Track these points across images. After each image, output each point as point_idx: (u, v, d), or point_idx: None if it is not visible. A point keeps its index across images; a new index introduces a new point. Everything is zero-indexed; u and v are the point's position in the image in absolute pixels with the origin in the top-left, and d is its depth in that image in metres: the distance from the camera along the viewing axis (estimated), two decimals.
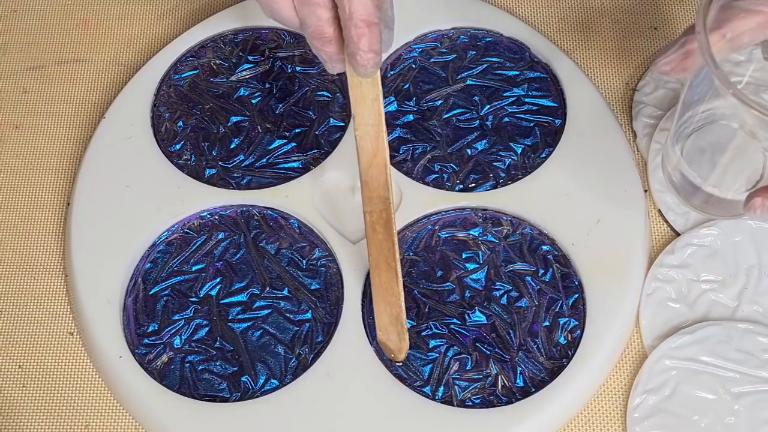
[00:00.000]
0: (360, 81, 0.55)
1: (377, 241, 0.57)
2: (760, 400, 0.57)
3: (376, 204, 0.57)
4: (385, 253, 0.57)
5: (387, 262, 0.57)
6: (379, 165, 0.56)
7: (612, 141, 0.65)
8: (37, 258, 0.64)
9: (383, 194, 0.56)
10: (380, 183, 0.56)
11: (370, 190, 0.57)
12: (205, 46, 0.69)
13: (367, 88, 0.55)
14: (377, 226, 0.57)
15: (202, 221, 0.63)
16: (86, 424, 0.59)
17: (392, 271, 0.57)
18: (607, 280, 0.60)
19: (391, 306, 0.57)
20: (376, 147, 0.56)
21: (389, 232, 0.57)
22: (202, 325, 0.60)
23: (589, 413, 0.59)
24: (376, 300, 0.58)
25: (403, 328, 0.57)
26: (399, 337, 0.57)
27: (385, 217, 0.57)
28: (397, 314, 0.57)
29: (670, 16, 0.72)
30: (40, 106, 0.70)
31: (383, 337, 0.58)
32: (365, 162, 0.56)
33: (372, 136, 0.56)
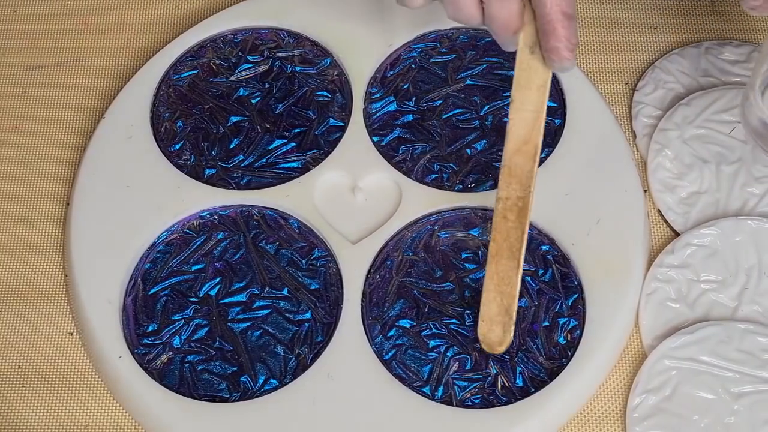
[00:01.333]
0: (530, 65, 0.54)
1: (505, 228, 0.56)
2: (760, 400, 0.57)
3: (515, 191, 0.55)
4: (511, 242, 0.56)
5: (511, 251, 0.56)
6: (528, 153, 0.55)
7: (612, 141, 0.65)
8: (37, 258, 0.64)
9: (526, 183, 0.55)
10: (525, 171, 0.55)
11: (512, 175, 0.55)
12: (204, 46, 0.69)
13: (535, 73, 0.54)
14: (509, 213, 0.56)
15: (202, 221, 0.63)
16: (86, 424, 0.59)
17: (515, 261, 0.56)
18: (607, 280, 0.60)
19: (504, 296, 0.56)
20: (530, 134, 0.55)
21: (522, 222, 0.56)
22: (202, 325, 0.60)
23: (589, 413, 0.59)
24: (488, 288, 0.57)
25: (511, 320, 0.56)
26: (504, 330, 0.57)
27: (520, 206, 0.56)
28: (509, 305, 0.56)
29: (670, 16, 0.72)
30: (39, 106, 0.70)
31: (485, 328, 0.57)
32: (512, 147, 0.55)
33: (528, 123, 0.54)
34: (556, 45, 0.53)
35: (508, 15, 0.54)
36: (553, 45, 0.53)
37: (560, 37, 0.53)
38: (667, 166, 0.65)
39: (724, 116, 0.66)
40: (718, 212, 0.63)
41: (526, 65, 0.54)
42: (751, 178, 0.64)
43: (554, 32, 0.53)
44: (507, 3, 0.54)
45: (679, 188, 0.64)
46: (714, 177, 0.64)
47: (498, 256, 0.56)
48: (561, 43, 0.53)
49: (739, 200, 0.63)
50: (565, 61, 0.53)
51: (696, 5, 0.72)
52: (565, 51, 0.53)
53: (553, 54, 0.53)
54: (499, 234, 0.56)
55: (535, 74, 0.54)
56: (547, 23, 0.53)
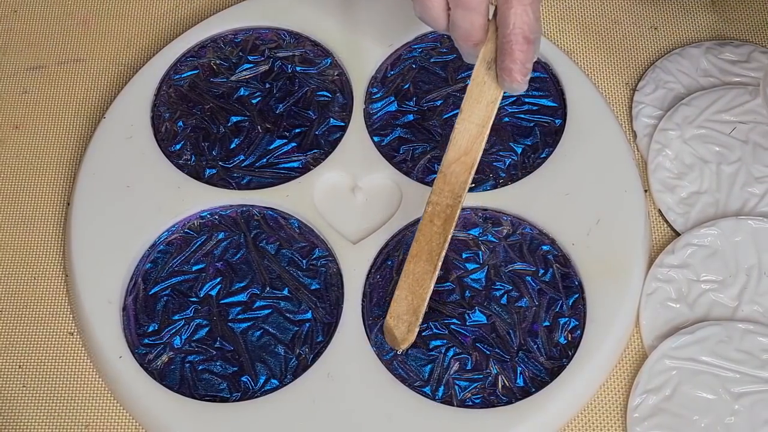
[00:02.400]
0: (484, 80, 0.55)
1: (429, 233, 0.57)
2: (761, 400, 0.57)
3: (446, 198, 0.57)
4: (431, 246, 0.57)
5: (430, 254, 0.57)
6: (465, 164, 0.56)
7: (612, 141, 0.65)
8: (37, 258, 0.64)
9: (458, 192, 0.57)
10: (460, 180, 0.56)
11: (446, 183, 0.57)
12: (205, 46, 0.69)
13: (488, 89, 0.55)
14: (436, 218, 0.57)
15: (202, 221, 0.63)
16: (86, 424, 0.59)
17: (431, 265, 0.57)
18: (607, 280, 0.60)
19: (415, 296, 0.57)
20: (471, 147, 0.56)
21: (446, 229, 0.57)
22: (202, 325, 0.60)
23: (589, 413, 0.59)
24: (401, 286, 0.58)
25: (417, 321, 0.57)
26: (408, 329, 0.57)
27: (448, 213, 0.57)
28: (417, 306, 0.57)
29: (670, 16, 0.72)
30: (40, 106, 0.70)
31: (392, 323, 0.58)
32: (452, 156, 0.56)
33: (471, 135, 0.56)
34: (510, 66, 0.54)
35: (470, 26, 0.55)
36: (508, 65, 0.54)
37: (515, 59, 0.54)
38: (667, 166, 0.65)
39: (725, 116, 0.66)
40: (718, 212, 0.63)
41: (480, 79, 0.56)
42: (751, 178, 0.64)
43: (511, 53, 0.54)
44: (471, 14, 0.54)
45: (679, 188, 0.64)
46: (714, 177, 0.64)
47: (417, 258, 0.57)
48: (515, 65, 0.54)
49: (739, 200, 0.63)
50: (515, 83, 0.54)
51: (696, 5, 0.72)
52: (517, 74, 0.54)
53: (505, 74, 0.54)
54: (422, 236, 0.57)
55: (487, 90, 0.56)
56: (506, 43, 0.54)
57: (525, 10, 0.53)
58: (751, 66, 0.68)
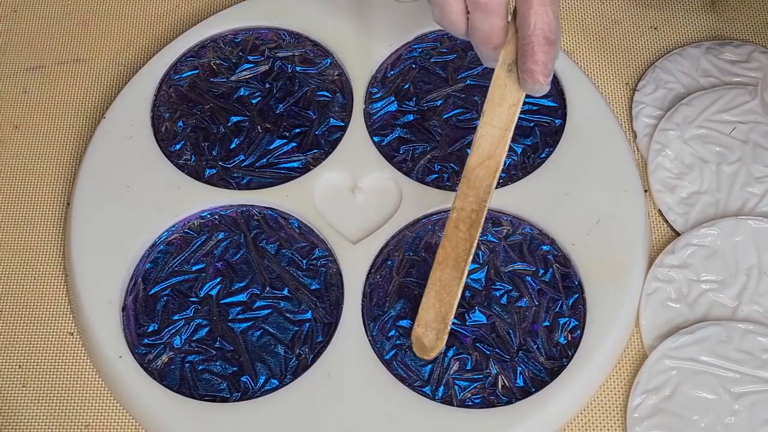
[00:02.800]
0: (505, 82, 0.55)
1: (455, 239, 0.57)
2: (761, 400, 0.57)
3: (471, 203, 0.56)
4: (458, 252, 0.56)
5: (456, 261, 0.56)
6: (489, 168, 0.56)
7: (612, 141, 0.65)
8: (37, 258, 0.64)
9: (483, 197, 0.56)
10: (484, 185, 0.56)
11: (470, 188, 0.56)
12: (205, 46, 0.70)
13: (509, 91, 0.55)
14: (462, 224, 0.57)
15: (202, 221, 0.63)
16: (86, 424, 0.59)
17: (459, 271, 0.56)
18: (607, 280, 0.60)
19: (442, 303, 0.57)
20: (494, 150, 0.56)
21: (472, 234, 0.56)
22: (202, 325, 0.60)
23: (589, 413, 0.59)
24: (429, 294, 0.57)
25: (446, 329, 0.57)
26: (437, 336, 0.57)
27: (473, 218, 0.56)
28: (446, 314, 0.57)
29: (670, 16, 0.72)
30: (40, 106, 0.70)
31: (420, 332, 0.58)
32: (475, 160, 0.56)
33: (494, 139, 0.55)
34: (532, 68, 0.53)
35: (490, 29, 0.54)
36: (530, 67, 0.54)
37: (538, 60, 0.53)
38: (667, 166, 0.65)
39: (725, 116, 0.66)
40: (718, 212, 0.63)
41: (502, 82, 0.55)
42: (751, 178, 0.64)
43: (533, 55, 0.53)
44: (491, 17, 0.54)
45: (679, 188, 0.64)
46: (714, 177, 0.64)
47: (444, 264, 0.57)
48: (537, 67, 0.53)
49: (739, 200, 0.63)
50: (538, 84, 0.54)
51: (696, 5, 0.72)
52: (540, 75, 0.53)
53: (527, 76, 0.54)
54: (448, 242, 0.57)
55: (509, 92, 0.55)
56: (527, 44, 0.53)
57: (545, 10, 0.53)
58: (751, 66, 0.68)
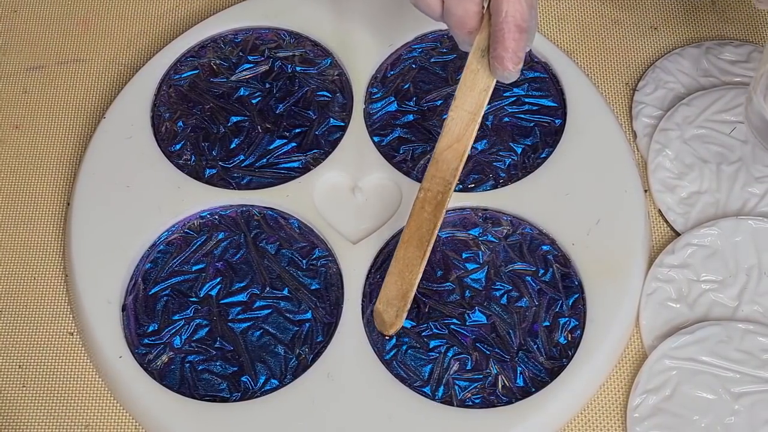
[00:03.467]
0: (478, 68, 0.56)
1: (421, 218, 0.57)
2: (761, 400, 0.57)
3: (437, 185, 0.57)
4: (422, 232, 0.57)
5: (420, 240, 0.57)
6: (457, 151, 0.57)
7: (612, 141, 0.65)
8: (37, 258, 0.64)
9: (449, 179, 0.57)
10: (451, 167, 0.57)
11: (437, 169, 0.57)
12: (205, 46, 0.70)
13: (482, 77, 0.56)
14: (427, 205, 0.57)
15: (202, 221, 0.63)
16: (86, 424, 0.59)
17: (421, 251, 0.57)
18: (607, 280, 0.60)
19: (404, 281, 0.57)
20: (463, 134, 0.56)
21: (436, 215, 0.57)
22: (202, 325, 0.60)
23: (589, 413, 0.59)
24: (392, 271, 0.58)
25: (406, 306, 0.58)
26: (397, 314, 0.58)
27: (439, 200, 0.57)
28: (406, 291, 0.57)
29: (670, 16, 0.72)
30: (40, 106, 0.70)
31: (381, 307, 0.58)
32: (444, 143, 0.57)
33: (464, 123, 0.56)
34: (502, 54, 0.54)
35: (464, 13, 0.55)
36: (500, 54, 0.54)
37: (507, 47, 0.54)
38: (667, 166, 0.65)
39: (725, 116, 0.66)
40: (718, 212, 0.63)
41: (474, 67, 0.56)
42: (751, 178, 0.64)
43: (503, 41, 0.54)
44: (465, 2, 0.54)
45: (679, 188, 0.64)
46: (714, 177, 0.64)
47: (408, 243, 0.58)
48: (507, 54, 0.54)
49: (739, 200, 0.63)
50: (507, 71, 0.54)
51: (696, 5, 0.72)
52: (509, 62, 0.54)
53: (497, 62, 0.54)
54: (414, 222, 0.58)
55: (480, 78, 0.56)
56: (498, 31, 0.54)
57: None
58: (751, 66, 0.68)
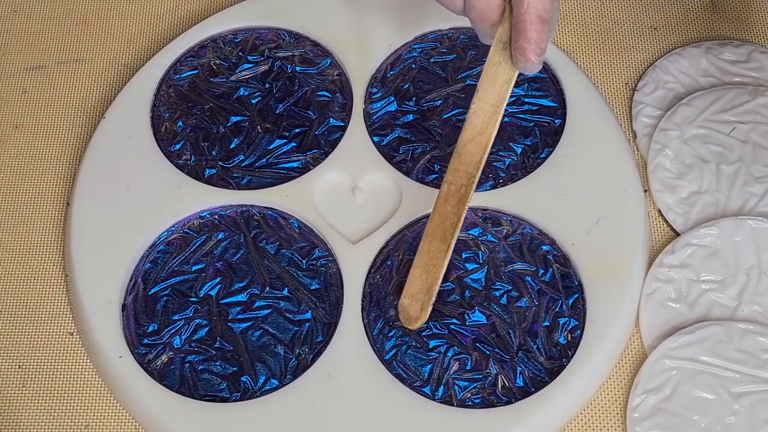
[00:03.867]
0: (500, 60, 0.56)
1: (445, 212, 0.57)
2: (760, 400, 0.57)
3: (460, 178, 0.57)
4: (446, 225, 0.57)
5: (444, 234, 0.57)
6: (480, 143, 0.57)
7: (612, 141, 0.65)
8: (37, 258, 0.64)
9: (472, 172, 0.57)
10: (474, 160, 0.57)
11: (461, 163, 0.57)
12: (204, 46, 0.69)
13: (504, 69, 0.56)
14: (451, 198, 0.57)
15: (202, 221, 0.63)
16: (86, 424, 0.59)
17: (446, 244, 0.57)
18: (607, 280, 0.60)
19: (429, 275, 0.58)
20: (486, 126, 0.56)
21: (460, 209, 0.57)
22: (202, 325, 0.60)
23: (589, 413, 0.59)
24: (416, 265, 0.58)
25: (430, 300, 0.58)
26: (422, 307, 0.58)
27: (462, 193, 0.57)
28: (431, 285, 0.58)
29: (670, 16, 0.72)
30: (40, 106, 0.70)
31: (407, 302, 0.58)
32: (467, 136, 0.57)
33: (486, 115, 0.56)
34: (524, 46, 0.54)
35: (486, 6, 0.55)
36: (522, 45, 0.54)
37: (530, 39, 0.54)
38: (667, 166, 0.65)
39: (725, 116, 0.66)
40: (718, 212, 0.63)
41: (496, 59, 0.56)
42: (751, 178, 0.64)
43: (525, 33, 0.54)
44: None
45: (679, 188, 0.64)
46: (714, 177, 0.64)
47: (432, 237, 0.58)
48: (529, 45, 0.54)
49: (739, 200, 0.63)
50: (529, 63, 0.54)
51: (696, 5, 0.72)
52: (531, 53, 0.54)
53: (519, 54, 0.54)
54: (438, 216, 0.58)
55: (502, 70, 0.56)
56: (520, 22, 0.54)
57: None
58: (751, 66, 0.68)
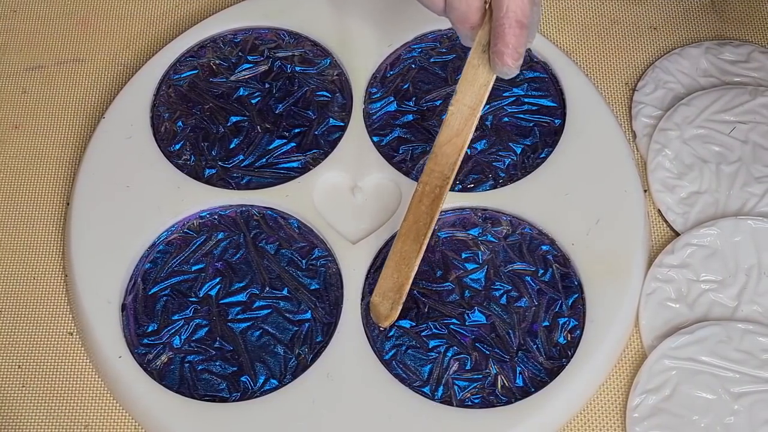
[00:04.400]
0: (478, 63, 0.56)
1: (418, 212, 0.58)
2: (760, 400, 0.57)
3: (435, 179, 0.57)
4: (419, 226, 0.57)
5: (417, 234, 0.57)
6: (456, 145, 0.57)
7: (612, 141, 0.65)
8: (37, 258, 0.64)
9: (447, 173, 0.57)
10: (449, 162, 0.57)
11: (436, 164, 0.57)
12: (204, 46, 0.70)
13: (482, 72, 0.56)
14: (425, 198, 0.57)
15: (202, 221, 0.63)
16: (86, 424, 0.59)
17: (418, 245, 0.57)
18: (607, 280, 0.60)
19: (400, 274, 0.58)
20: (462, 128, 0.57)
21: (433, 209, 0.57)
22: (202, 325, 0.60)
23: (589, 413, 0.59)
24: (388, 264, 0.58)
25: (401, 299, 0.58)
26: (392, 306, 0.58)
27: (437, 193, 0.57)
28: (401, 284, 0.58)
29: (670, 16, 0.72)
30: (40, 106, 0.70)
31: (377, 300, 0.58)
32: (444, 137, 0.57)
33: (464, 117, 0.57)
34: (502, 50, 0.54)
35: (466, 8, 0.55)
36: (500, 49, 0.54)
37: (507, 43, 0.54)
38: (667, 166, 0.65)
39: (724, 116, 0.66)
40: (718, 212, 0.63)
41: (476, 62, 0.56)
42: (751, 178, 0.64)
43: (503, 37, 0.54)
44: None
45: (679, 188, 0.64)
46: (714, 177, 0.64)
47: (405, 237, 0.58)
48: (507, 49, 0.54)
49: (739, 200, 0.63)
50: (506, 67, 0.55)
51: (696, 5, 0.72)
52: (508, 58, 0.54)
53: (497, 57, 0.54)
54: (411, 216, 0.58)
55: (481, 73, 0.56)
56: (499, 26, 0.54)
57: None
58: (750, 66, 0.68)
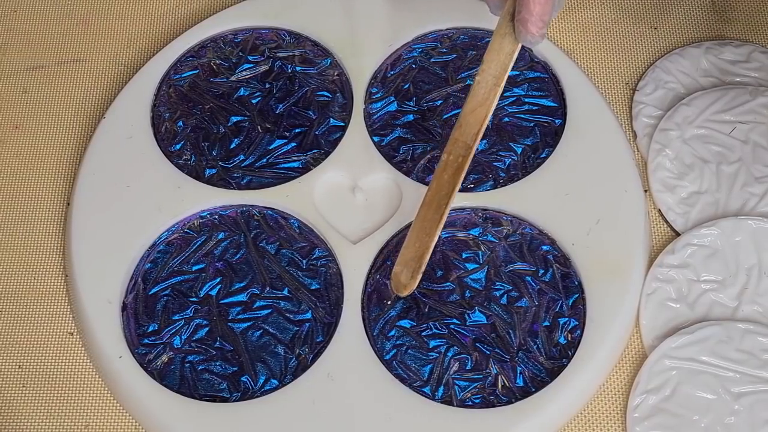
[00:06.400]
0: (506, 31, 0.56)
1: (441, 182, 0.58)
2: (760, 400, 0.57)
3: (459, 149, 0.58)
4: (441, 195, 0.58)
5: (439, 204, 0.58)
6: (479, 115, 0.57)
7: (612, 141, 0.65)
8: (37, 258, 0.64)
9: (469, 143, 0.58)
10: (472, 131, 0.58)
11: (461, 133, 0.58)
12: (205, 46, 0.70)
13: (508, 41, 0.57)
14: (449, 167, 0.58)
15: (202, 221, 0.63)
16: (86, 424, 0.59)
17: (439, 214, 0.58)
18: (607, 280, 0.60)
19: (421, 243, 0.58)
20: (486, 98, 0.57)
21: (456, 179, 0.58)
22: (202, 325, 0.60)
23: (589, 413, 0.59)
24: (411, 233, 0.59)
25: (420, 268, 0.58)
26: (413, 275, 0.58)
27: (460, 163, 0.58)
28: (422, 254, 0.58)
29: (670, 16, 0.72)
30: (40, 106, 0.70)
31: (398, 269, 0.59)
32: (469, 106, 0.58)
33: (488, 86, 0.57)
34: (525, 17, 0.55)
35: None
36: (523, 17, 0.55)
37: (531, 11, 0.54)
38: (667, 166, 0.65)
39: (725, 116, 0.66)
40: (718, 212, 0.63)
41: (503, 31, 0.57)
42: (751, 178, 0.64)
43: (527, 5, 0.54)
44: None
45: (679, 188, 0.64)
46: (714, 177, 0.64)
47: (428, 205, 0.59)
48: (531, 17, 0.54)
49: (739, 200, 0.63)
50: (530, 35, 0.55)
51: (696, 5, 0.72)
52: (532, 26, 0.55)
53: (521, 25, 0.55)
54: (435, 185, 0.59)
55: (507, 42, 0.57)
56: None
57: None
58: (751, 66, 0.68)
